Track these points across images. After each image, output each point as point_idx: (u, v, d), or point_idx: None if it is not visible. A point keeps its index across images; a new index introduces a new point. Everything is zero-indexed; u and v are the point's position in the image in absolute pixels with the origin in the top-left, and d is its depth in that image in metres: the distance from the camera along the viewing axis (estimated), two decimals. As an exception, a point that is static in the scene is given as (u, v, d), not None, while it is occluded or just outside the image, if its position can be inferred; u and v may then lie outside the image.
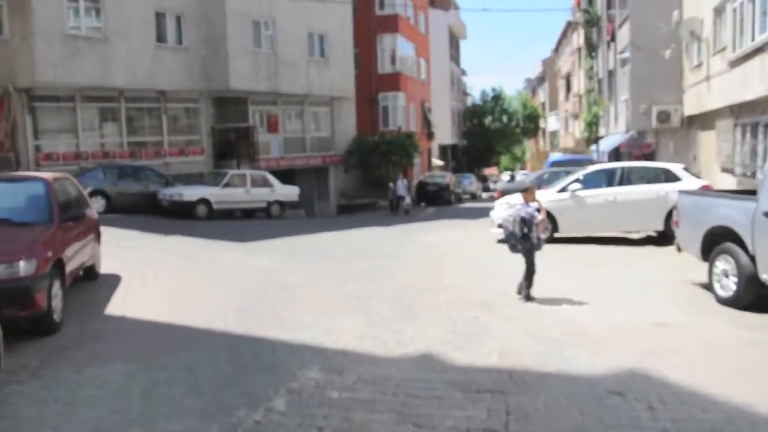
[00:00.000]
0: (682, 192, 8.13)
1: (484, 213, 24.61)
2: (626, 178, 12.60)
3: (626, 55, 22.52)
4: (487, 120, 56.78)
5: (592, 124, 23.89)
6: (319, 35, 27.56)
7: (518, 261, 7.83)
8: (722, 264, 7.31)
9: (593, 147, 27.82)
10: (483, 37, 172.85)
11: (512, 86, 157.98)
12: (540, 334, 6.16)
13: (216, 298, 7.91)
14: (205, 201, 19.55)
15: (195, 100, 23.12)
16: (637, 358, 5.32)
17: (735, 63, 14.71)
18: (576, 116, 43.61)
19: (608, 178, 12.71)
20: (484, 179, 52.82)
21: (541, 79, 74.84)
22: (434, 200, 33.44)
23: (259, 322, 6.74)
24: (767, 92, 12.75)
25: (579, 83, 40.89)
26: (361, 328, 6.49)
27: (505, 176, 66.95)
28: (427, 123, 41.63)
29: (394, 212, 25.33)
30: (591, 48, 24.17)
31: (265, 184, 21.69)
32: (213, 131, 23.69)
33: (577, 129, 43.03)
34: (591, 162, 18.04)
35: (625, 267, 10.36)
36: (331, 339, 6.07)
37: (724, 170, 16.15)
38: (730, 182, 15.27)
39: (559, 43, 53.57)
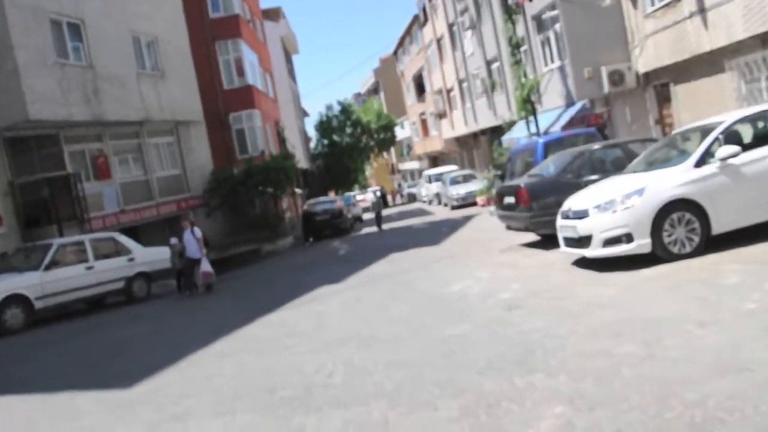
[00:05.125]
0: None
1: (425, 234, 17.59)
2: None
3: (554, 12, 18.35)
4: (337, 137, 51.74)
5: (527, 102, 19.40)
6: (147, 41, 20.36)
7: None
8: None
9: (505, 136, 23.45)
10: (310, 57, 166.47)
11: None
12: None
13: None
14: (17, 299, 11.93)
15: (-27, 144, 14.98)
16: None
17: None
18: (441, 115, 39.86)
19: (757, 132, 7.76)
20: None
21: (373, 91, 71.45)
22: (323, 233, 27.00)
23: None
24: None
25: (443, 77, 37.11)
26: None
27: (359, 195, 62.28)
28: (284, 146, 35.30)
29: (190, 291, 13.80)
30: (510, 12, 19.77)
31: (119, 251, 14.31)
32: (13, 188, 15.59)
33: (446, 128, 39.27)
34: (593, 136, 13.35)
35: None
36: None
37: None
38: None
39: (401, 43, 49.89)
